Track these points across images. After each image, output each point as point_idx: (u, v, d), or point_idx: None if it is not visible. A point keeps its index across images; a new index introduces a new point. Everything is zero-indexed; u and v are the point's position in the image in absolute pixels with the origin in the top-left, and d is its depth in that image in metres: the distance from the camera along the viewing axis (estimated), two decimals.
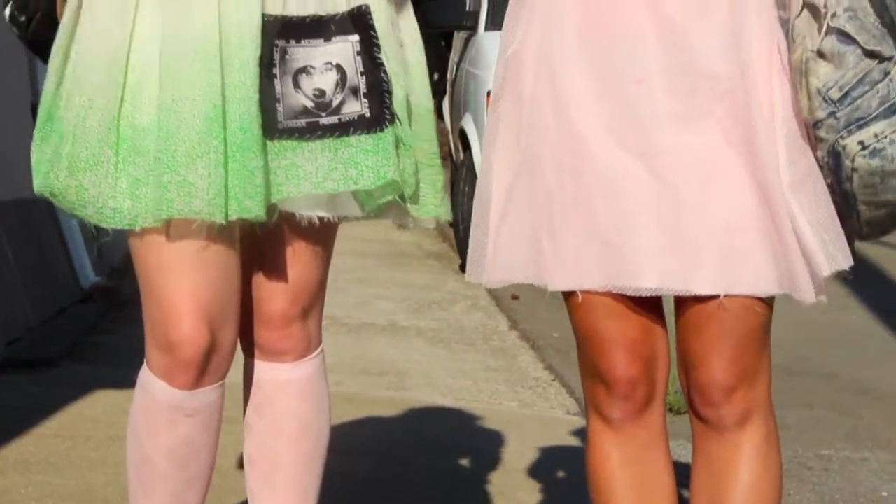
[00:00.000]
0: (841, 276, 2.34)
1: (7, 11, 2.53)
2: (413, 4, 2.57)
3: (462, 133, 8.78)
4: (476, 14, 8.85)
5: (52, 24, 2.48)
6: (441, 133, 11.80)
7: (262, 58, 2.34)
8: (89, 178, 2.35)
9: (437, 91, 11.51)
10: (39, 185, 2.40)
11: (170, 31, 2.33)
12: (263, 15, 2.34)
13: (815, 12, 2.32)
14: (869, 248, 7.69)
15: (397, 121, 2.41)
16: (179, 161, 2.31)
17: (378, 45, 2.40)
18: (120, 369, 4.95)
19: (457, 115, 9.33)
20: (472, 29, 8.93)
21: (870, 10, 2.31)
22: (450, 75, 10.01)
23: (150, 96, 2.33)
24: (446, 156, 10.31)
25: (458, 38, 9.70)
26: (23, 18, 2.53)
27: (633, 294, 2.30)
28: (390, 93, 2.41)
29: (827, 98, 2.28)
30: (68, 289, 6.63)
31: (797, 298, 2.28)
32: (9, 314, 5.57)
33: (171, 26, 2.33)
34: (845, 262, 2.31)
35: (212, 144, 2.31)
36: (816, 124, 2.29)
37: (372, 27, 2.41)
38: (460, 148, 9.02)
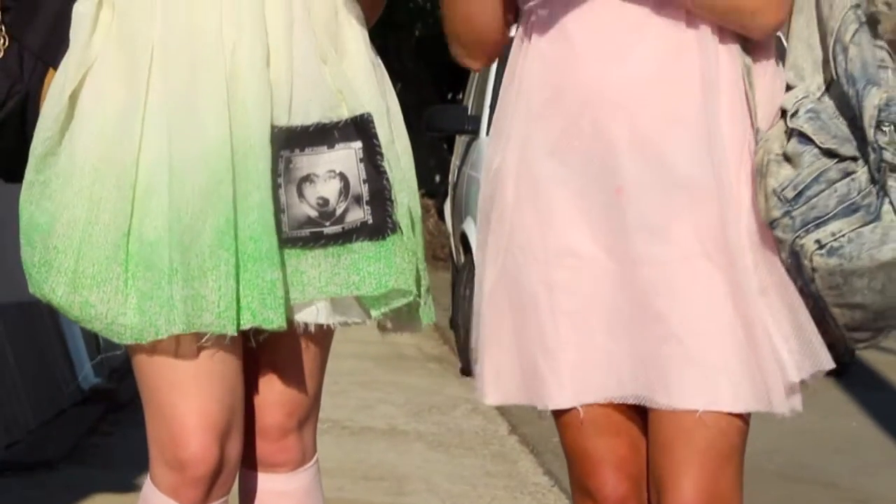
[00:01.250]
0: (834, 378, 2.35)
1: None
2: (417, 108, 2.60)
3: (463, 236, 8.82)
4: (478, 119, 8.93)
5: (27, 107, 2.46)
6: (442, 235, 11.88)
7: (271, 169, 2.35)
8: (96, 294, 2.33)
9: (439, 193, 11.58)
10: (34, 289, 2.38)
11: (178, 144, 2.32)
12: (272, 126, 2.36)
13: (784, 115, 2.35)
14: (869, 354, 7.68)
15: (399, 229, 2.42)
16: (191, 275, 2.30)
17: (381, 153, 2.42)
18: (119, 472, 4.95)
19: (458, 218, 9.38)
20: (474, 133, 9.00)
21: (836, 113, 2.33)
22: (451, 178, 10.08)
23: (160, 209, 2.32)
24: (447, 257, 10.34)
25: (460, 141, 9.77)
26: None
27: (617, 402, 2.32)
28: (392, 201, 2.42)
29: (781, 197, 2.29)
30: (68, 390, 6.63)
31: (774, 412, 2.29)
32: (9, 417, 5.57)
33: (179, 138, 2.33)
34: (816, 366, 2.32)
35: (222, 257, 2.30)
36: (772, 223, 2.31)
37: (374, 135, 2.42)
38: (461, 251, 9.05)
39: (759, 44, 2.40)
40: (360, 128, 2.43)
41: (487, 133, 9.05)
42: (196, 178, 2.31)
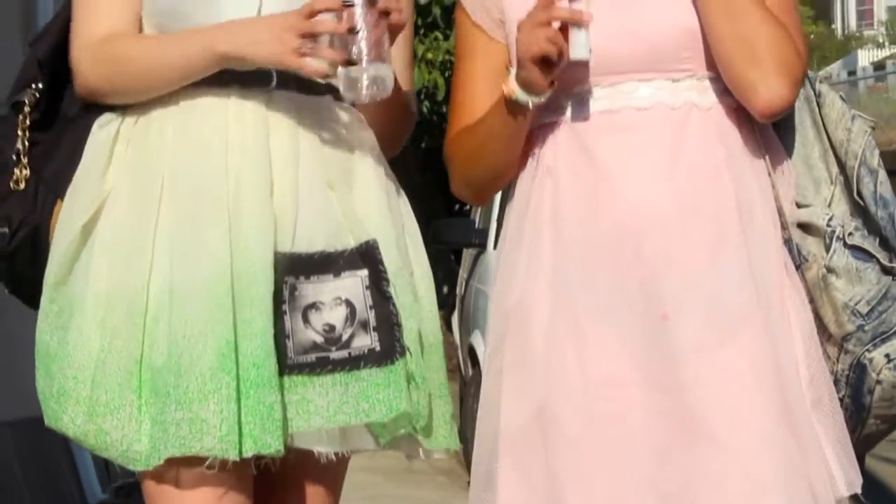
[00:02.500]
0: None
1: None
2: (425, 220, 2.61)
3: (471, 349, 8.80)
4: (485, 232, 8.95)
5: (37, 241, 2.49)
6: (450, 347, 11.85)
7: (273, 294, 2.36)
8: (111, 422, 2.33)
9: (447, 305, 11.59)
10: (50, 421, 2.38)
11: (180, 269, 2.35)
12: (275, 252, 2.38)
13: (807, 230, 2.37)
14: (876, 465, 7.62)
15: (408, 354, 2.42)
16: (192, 398, 2.30)
17: (387, 279, 2.43)
18: None
19: (466, 331, 9.37)
20: (482, 247, 9.02)
21: (865, 231, 2.37)
22: (459, 291, 10.07)
23: (164, 334, 2.34)
24: (455, 369, 10.32)
25: (468, 254, 9.78)
26: (4, 229, 2.50)
27: None
28: (400, 325, 2.42)
29: (856, 312, 2.32)
30: None
31: None
32: None
33: (181, 262, 2.35)
34: (858, 483, 2.33)
35: (223, 380, 2.31)
36: (846, 337, 2.33)
37: (380, 261, 2.43)
38: (469, 364, 9.03)
39: (777, 158, 2.42)
40: (366, 255, 2.44)
41: (495, 246, 9.11)
42: (196, 302, 2.33)
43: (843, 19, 51.17)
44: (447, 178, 2.57)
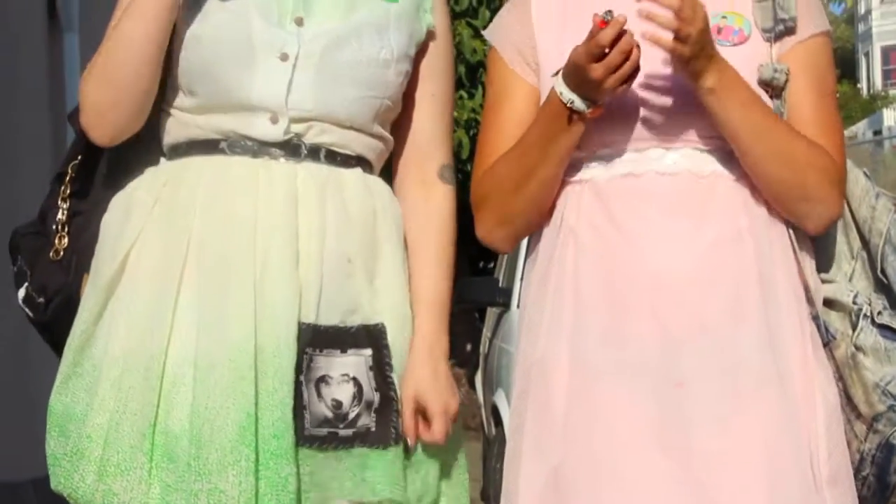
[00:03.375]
0: None
1: (22, 293, 2.55)
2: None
3: (494, 408, 8.77)
4: (509, 291, 8.94)
5: (71, 309, 2.50)
6: (473, 405, 11.85)
7: (296, 365, 2.37)
8: (120, 483, 2.34)
9: (470, 362, 11.58)
10: (58, 483, 2.38)
11: (205, 338, 2.36)
12: (299, 323, 2.38)
13: (831, 305, 2.36)
14: None
15: (404, 442, 2.44)
16: (211, 469, 2.30)
17: (390, 364, 2.44)
18: None
19: (489, 389, 9.35)
20: (505, 306, 9.01)
21: (892, 309, 2.36)
22: (482, 349, 10.06)
23: (184, 402, 2.34)
24: (479, 427, 10.29)
25: (492, 313, 9.78)
26: (41, 300, 2.54)
27: None
28: (398, 412, 2.43)
29: (887, 392, 2.31)
30: None
31: None
32: None
33: (206, 333, 2.36)
34: None
35: (243, 453, 2.31)
36: (876, 418, 2.32)
37: (385, 345, 2.45)
38: (492, 423, 9.00)
39: (802, 233, 2.42)
40: (373, 336, 2.45)
41: (518, 305, 9.11)
42: (220, 374, 2.34)
43: (868, 78, 51.22)
44: (471, 237, 2.56)
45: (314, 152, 2.48)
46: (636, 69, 2.34)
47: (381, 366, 2.44)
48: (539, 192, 2.46)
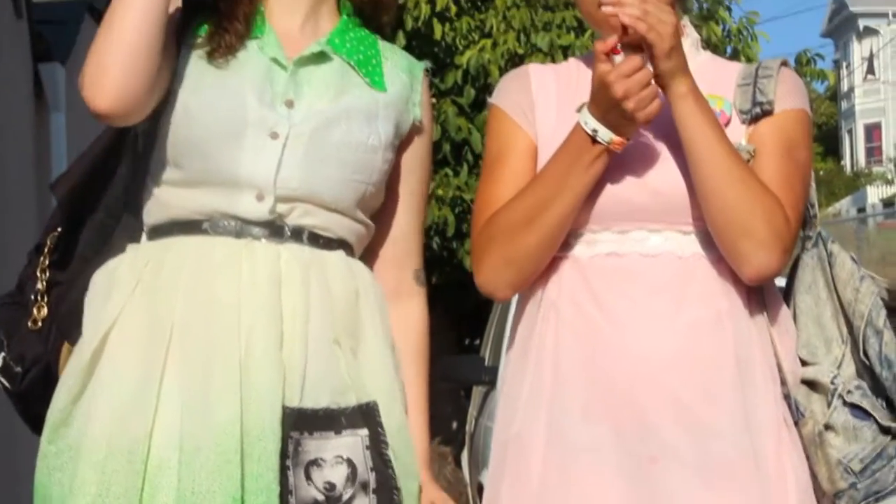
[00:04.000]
0: None
1: None
2: (434, 356, 2.63)
3: (480, 487, 8.73)
4: (495, 369, 8.91)
5: (48, 380, 2.49)
6: (459, 483, 11.81)
7: (281, 450, 2.36)
8: None
9: (456, 440, 11.55)
10: None
11: (190, 421, 2.35)
12: (283, 407, 2.38)
13: (813, 387, 2.37)
14: None
15: None
16: None
17: (385, 442, 2.43)
18: None
19: (475, 468, 9.31)
20: (491, 384, 9.00)
21: (868, 391, 2.37)
22: (468, 428, 10.03)
23: (169, 486, 2.33)
24: None
25: (477, 391, 9.75)
26: (18, 369, 2.52)
27: None
28: (398, 489, 2.43)
29: (849, 469, 2.32)
30: None
31: None
32: None
33: (191, 416, 2.35)
34: None
35: None
36: (838, 494, 2.33)
37: (380, 423, 2.44)
38: (478, 501, 8.96)
39: (778, 314, 2.44)
40: (367, 415, 2.45)
41: None
42: (205, 457, 2.33)
43: (851, 155, 51.55)
44: (457, 315, 2.57)
45: (297, 234, 2.49)
46: (657, 99, 2.38)
47: (377, 444, 2.43)
48: (552, 227, 2.45)
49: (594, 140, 2.41)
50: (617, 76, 2.35)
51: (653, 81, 2.38)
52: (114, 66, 2.38)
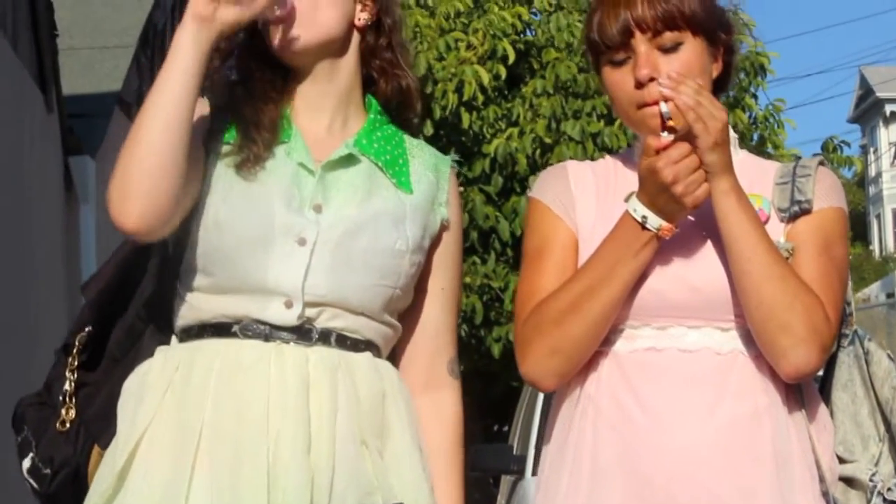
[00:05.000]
0: None
1: (27, 464, 2.53)
2: (463, 444, 2.63)
3: None
4: (523, 459, 8.89)
5: (78, 482, 2.50)
6: None
7: None
8: None
9: None
10: None
11: None
12: None
13: (851, 484, 2.37)
14: None
15: None
16: None
17: None
18: None
19: None
20: (520, 473, 8.95)
21: None
22: None
23: None
24: None
25: (506, 481, 9.70)
26: (47, 471, 2.52)
27: None
28: None
29: None
30: None
31: None
32: None
33: None
34: None
35: None
36: None
37: None
38: None
39: (817, 410, 2.44)
40: None
41: (533, 473, 9.04)
42: None
43: (880, 240, 51.43)
44: (485, 402, 2.58)
45: (325, 336, 2.50)
46: (705, 184, 2.40)
47: None
48: (600, 315, 2.45)
49: (643, 227, 2.42)
50: (666, 162, 2.37)
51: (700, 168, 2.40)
52: (138, 188, 2.40)
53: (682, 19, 2.47)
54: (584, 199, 2.59)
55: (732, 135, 2.57)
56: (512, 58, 11.37)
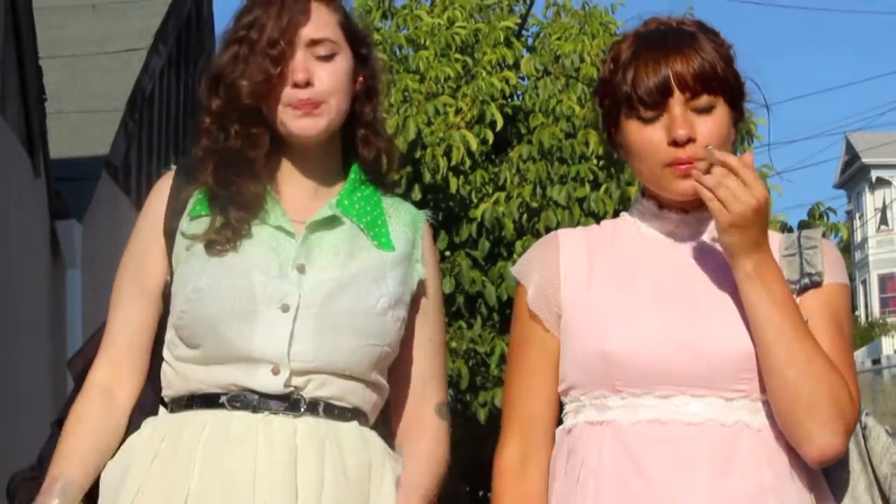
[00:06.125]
0: None
1: None
2: None
3: None
4: None
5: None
6: None
7: None
8: None
9: None
10: None
11: None
12: None
13: None
14: None
15: None
16: None
17: None
18: None
19: None
20: None
21: None
22: None
23: None
24: None
25: None
26: None
27: None
28: None
29: None
30: None
31: None
32: None
33: None
34: None
35: None
36: None
37: None
38: None
39: (820, 484, 2.43)
40: None
41: None
42: None
43: (866, 306, 51.51)
44: (470, 468, 2.57)
45: (313, 406, 2.50)
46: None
47: None
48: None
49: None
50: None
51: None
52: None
53: (716, 80, 2.48)
54: (576, 269, 2.56)
55: None
56: (500, 123, 11.40)
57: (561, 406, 2.55)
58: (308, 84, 2.53)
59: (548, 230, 10.86)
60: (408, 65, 11.79)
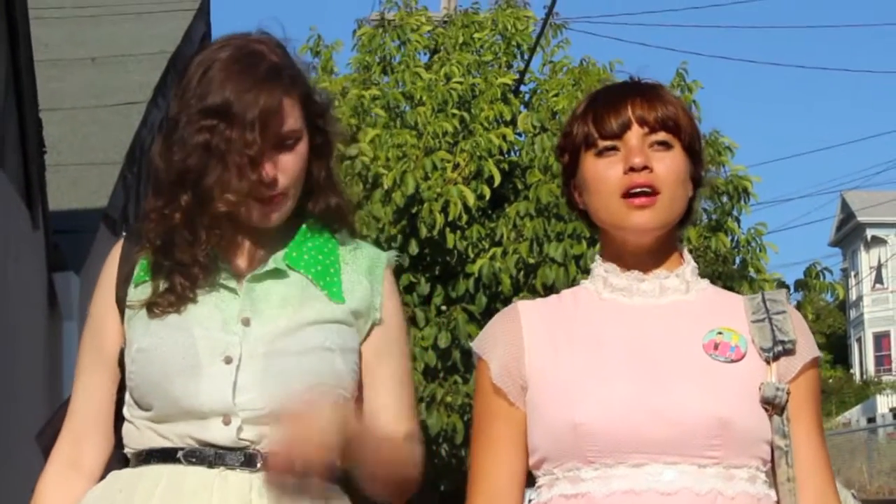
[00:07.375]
0: None
1: None
2: None
3: None
4: None
5: None
6: None
7: None
8: None
9: None
10: None
11: None
12: None
13: None
14: None
15: None
16: None
17: None
18: None
19: None
20: None
21: None
22: None
23: None
24: None
25: None
26: None
27: None
28: None
29: None
30: None
31: None
32: None
33: None
34: None
35: None
36: None
37: None
38: None
39: None
40: None
41: None
42: None
43: (861, 364, 51.45)
44: None
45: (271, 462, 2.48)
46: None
47: None
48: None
49: None
50: None
51: None
52: None
53: (675, 121, 2.50)
54: (539, 340, 2.54)
55: (693, 266, 2.57)
56: (497, 179, 11.44)
57: (533, 479, 2.54)
58: (275, 180, 2.53)
59: (545, 287, 10.91)
60: (405, 120, 11.84)
